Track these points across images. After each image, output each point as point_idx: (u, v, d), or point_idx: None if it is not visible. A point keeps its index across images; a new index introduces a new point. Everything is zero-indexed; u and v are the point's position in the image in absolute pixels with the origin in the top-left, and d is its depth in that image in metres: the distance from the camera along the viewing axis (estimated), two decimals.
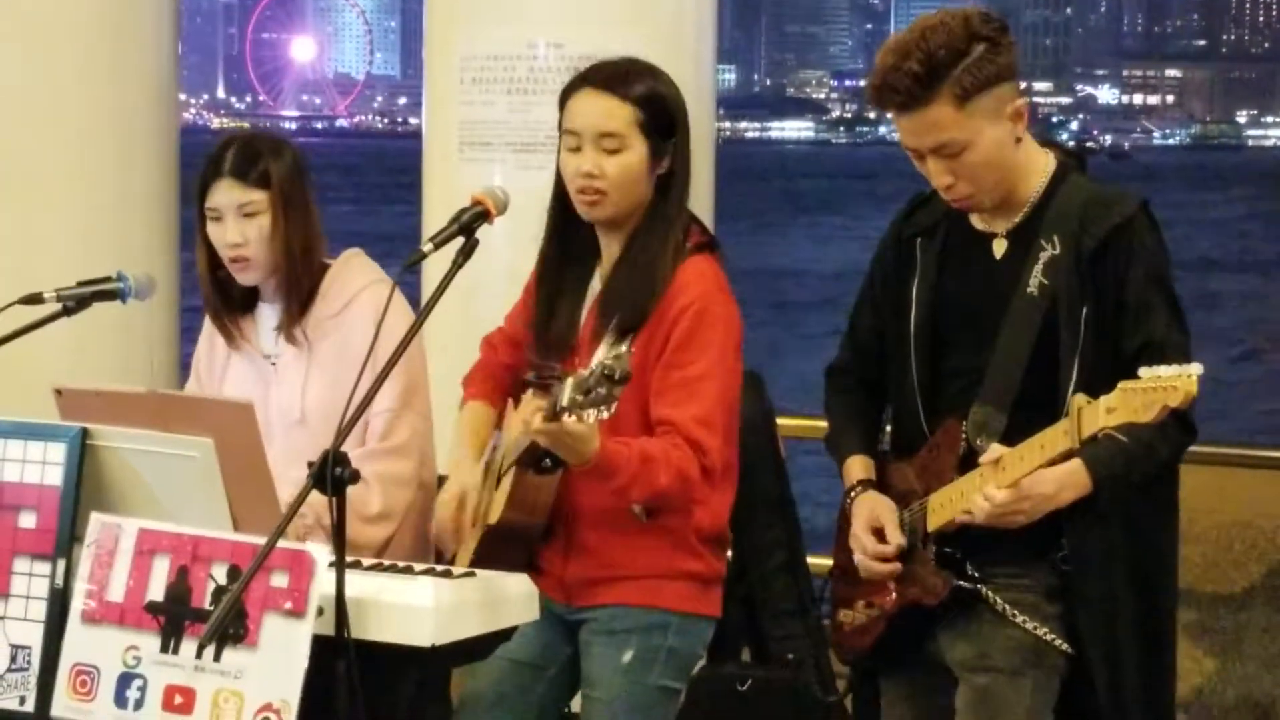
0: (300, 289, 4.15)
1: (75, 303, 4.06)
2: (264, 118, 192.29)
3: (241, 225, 4.08)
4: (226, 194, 4.09)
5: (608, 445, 3.60)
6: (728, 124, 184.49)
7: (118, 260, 5.13)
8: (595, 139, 3.80)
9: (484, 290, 4.91)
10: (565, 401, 3.35)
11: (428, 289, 5.90)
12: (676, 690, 3.94)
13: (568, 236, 3.93)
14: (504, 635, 3.62)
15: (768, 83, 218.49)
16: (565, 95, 3.88)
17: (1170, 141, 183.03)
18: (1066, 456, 3.56)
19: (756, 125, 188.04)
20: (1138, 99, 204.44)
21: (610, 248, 3.90)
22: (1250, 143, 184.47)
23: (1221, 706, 6.45)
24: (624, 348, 3.41)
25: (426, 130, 5.91)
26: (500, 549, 3.82)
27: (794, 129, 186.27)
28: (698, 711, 5.70)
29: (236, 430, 3.62)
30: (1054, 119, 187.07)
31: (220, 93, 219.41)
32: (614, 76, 3.83)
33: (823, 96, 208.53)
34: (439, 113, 5.80)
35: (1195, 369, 3.38)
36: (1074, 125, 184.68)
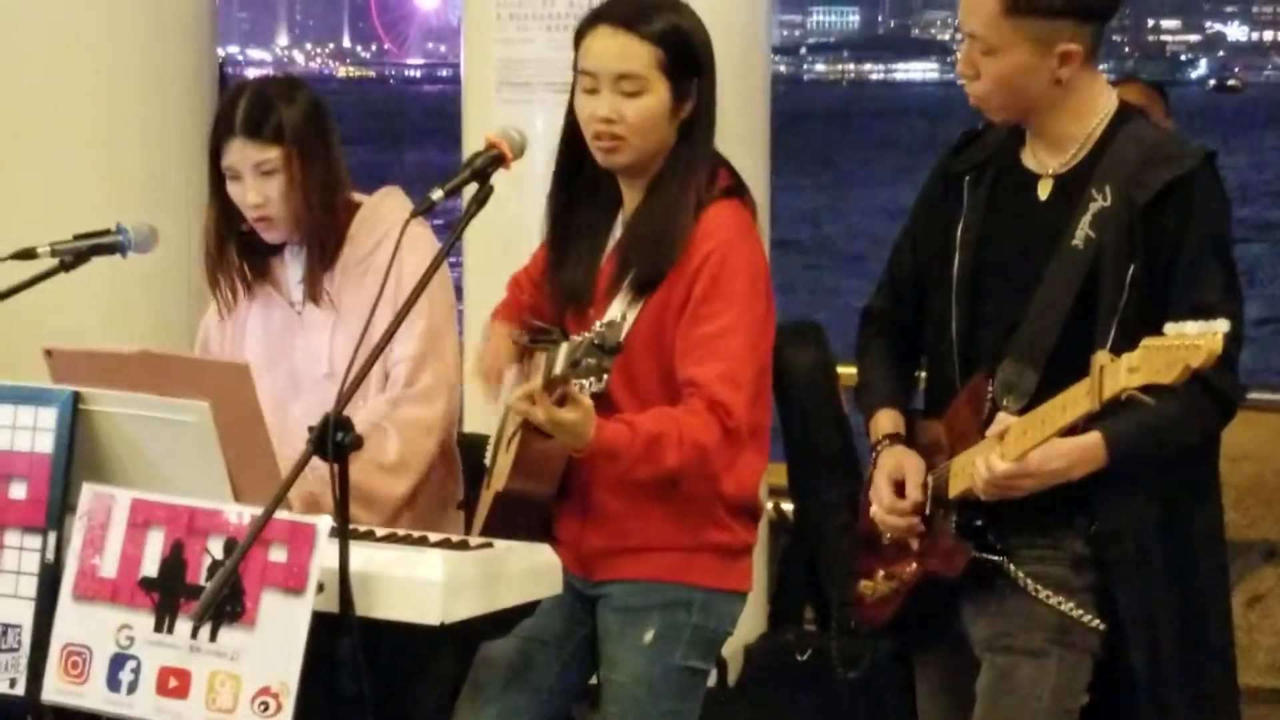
0: (323, 241, 3.93)
1: (72, 257, 3.80)
2: (389, 65, 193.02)
3: (260, 184, 3.87)
4: (240, 153, 3.87)
5: (607, 429, 3.36)
6: (851, 66, 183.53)
7: (153, 212, 4.92)
8: (612, 81, 3.53)
9: (527, 240, 4.64)
10: (559, 370, 3.19)
11: (471, 235, 5.69)
12: (703, 671, 3.68)
13: (581, 181, 3.68)
14: (525, 610, 3.40)
15: (891, 24, 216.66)
16: (580, 33, 3.62)
17: None
18: (1090, 418, 3.27)
19: (880, 67, 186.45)
20: (1268, 35, 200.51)
21: (631, 195, 3.65)
22: None
23: None
24: (619, 316, 3.25)
25: (465, 70, 5.62)
26: (512, 518, 3.59)
27: (919, 70, 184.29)
28: (755, 680, 5.50)
29: (233, 393, 3.40)
30: (1183, 57, 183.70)
31: (345, 41, 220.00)
32: (632, 12, 3.55)
33: (948, 38, 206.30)
34: (477, 51, 5.52)
35: (1220, 325, 3.08)
36: (1203, 65, 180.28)
